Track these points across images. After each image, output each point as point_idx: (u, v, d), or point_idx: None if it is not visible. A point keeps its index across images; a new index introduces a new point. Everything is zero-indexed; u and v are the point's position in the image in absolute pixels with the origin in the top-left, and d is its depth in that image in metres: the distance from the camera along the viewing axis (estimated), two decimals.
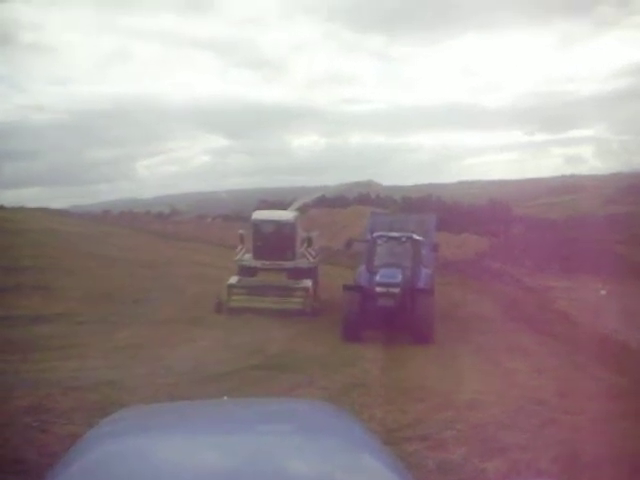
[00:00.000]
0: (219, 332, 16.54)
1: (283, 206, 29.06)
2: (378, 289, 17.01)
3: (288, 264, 21.50)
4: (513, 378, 12.22)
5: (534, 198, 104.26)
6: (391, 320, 16.82)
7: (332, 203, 61.05)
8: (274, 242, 21.49)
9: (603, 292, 24.34)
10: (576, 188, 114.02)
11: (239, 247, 22.24)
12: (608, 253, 31.94)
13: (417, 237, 19.10)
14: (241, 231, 22.84)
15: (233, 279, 20.96)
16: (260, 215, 23.55)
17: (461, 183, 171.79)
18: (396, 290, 16.92)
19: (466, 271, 29.59)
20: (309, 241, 22.42)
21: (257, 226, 22.07)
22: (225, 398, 3.75)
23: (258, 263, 21.48)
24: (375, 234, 19.17)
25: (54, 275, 23.61)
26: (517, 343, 16.09)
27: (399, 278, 17.19)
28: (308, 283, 20.80)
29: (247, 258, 21.71)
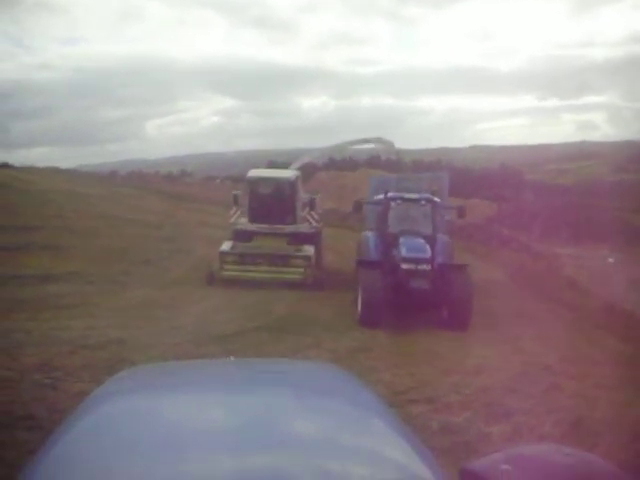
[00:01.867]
0: (226, 293, 16.60)
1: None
2: (405, 266, 14.04)
3: (288, 228, 19.44)
4: (519, 344, 12.27)
5: (545, 164, 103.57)
6: (422, 304, 14.20)
7: (341, 166, 60.76)
8: (272, 203, 19.60)
9: (611, 260, 24.27)
10: (587, 155, 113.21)
11: (233, 209, 20.20)
12: (617, 221, 31.78)
13: (436, 199, 16.48)
14: (235, 191, 20.89)
15: (226, 245, 18.85)
16: (256, 173, 21.29)
17: (473, 147, 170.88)
18: (427, 267, 14.14)
19: (475, 236, 29.47)
20: (312, 203, 20.50)
21: (253, 185, 20.05)
22: (231, 358, 3.78)
23: (254, 227, 19.39)
24: (389, 194, 16.17)
25: (64, 235, 23.72)
26: (524, 309, 16.10)
27: (428, 252, 14.34)
28: (310, 250, 18.70)
29: (242, 222, 19.79)
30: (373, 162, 63.10)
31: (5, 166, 47.93)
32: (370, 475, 1.93)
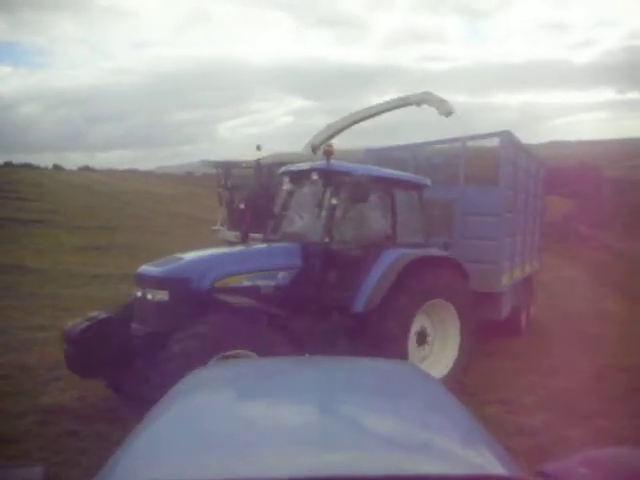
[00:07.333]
0: None
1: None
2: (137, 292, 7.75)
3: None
4: (598, 344, 11.96)
5: (626, 159, 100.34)
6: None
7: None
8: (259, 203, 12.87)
9: None
10: None
11: (221, 214, 15.35)
12: None
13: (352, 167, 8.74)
14: (221, 189, 15.05)
15: None
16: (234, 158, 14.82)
17: (551, 143, 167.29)
18: (157, 297, 7.37)
19: (552, 234, 28.88)
20: None
21: (227, 173, 14.35)
22: (306, 355, 3.83)
23: (231, 236, 13.33)
24: (282, 169, 9.48)
25: (141, 234, 24.36)
26: (604, 309, 15.69)
27: (178, 268, 7.73)
28: None
29: (222, 230, 14.92)
30: None
31: (86, 169, 49.51)
32: (450, 471, 1.94)
